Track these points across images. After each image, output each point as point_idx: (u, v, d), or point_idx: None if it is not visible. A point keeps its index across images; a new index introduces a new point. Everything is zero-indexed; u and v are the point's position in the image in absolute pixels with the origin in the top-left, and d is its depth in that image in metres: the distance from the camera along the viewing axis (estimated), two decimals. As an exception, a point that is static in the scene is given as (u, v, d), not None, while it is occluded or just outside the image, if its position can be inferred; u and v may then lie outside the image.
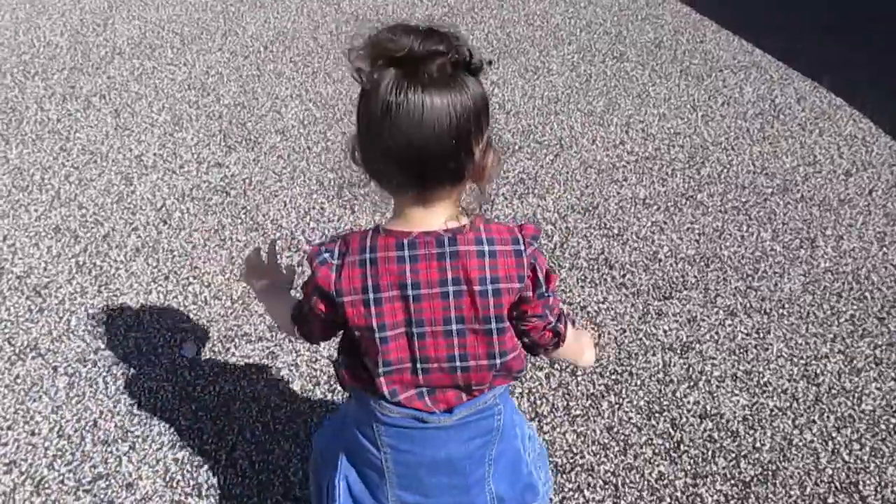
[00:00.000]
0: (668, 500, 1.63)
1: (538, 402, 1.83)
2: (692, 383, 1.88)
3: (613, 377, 1.89)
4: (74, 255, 2.23)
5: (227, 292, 2.11)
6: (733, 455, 1.72)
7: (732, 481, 1.66)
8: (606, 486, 1.66)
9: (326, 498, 1.25)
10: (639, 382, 1.88)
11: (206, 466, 1.69)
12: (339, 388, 1.74)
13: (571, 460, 1.70)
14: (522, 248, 1.02)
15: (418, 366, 1.05)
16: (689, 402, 1.83)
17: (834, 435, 1.77)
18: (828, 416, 1.81)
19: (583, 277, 2.19)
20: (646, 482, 1.66)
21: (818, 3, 3.97)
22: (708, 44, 3.51)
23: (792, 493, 1.65)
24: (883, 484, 1.67)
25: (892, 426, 1.79)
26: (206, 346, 1.96)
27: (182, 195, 2.48)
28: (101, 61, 3.26)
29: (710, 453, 1.72)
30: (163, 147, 2.72)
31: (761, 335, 2.02)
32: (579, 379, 1.88)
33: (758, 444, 1.74)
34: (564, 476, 1.67)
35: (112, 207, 2.42)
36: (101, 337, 1.98)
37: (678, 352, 1.97)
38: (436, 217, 1.00)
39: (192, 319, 2.04)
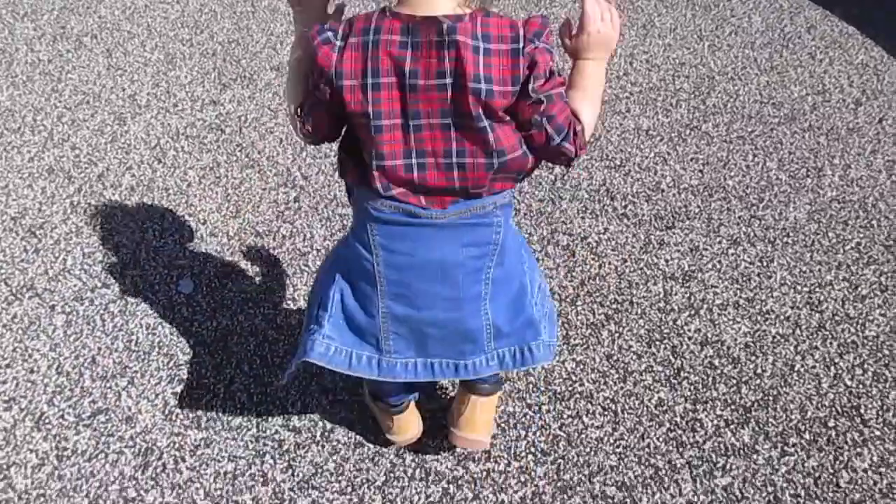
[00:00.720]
0: (668, 425, 1.62)
1: (537, 332, 1.81)
2: (693, 311, 1.86)
3: (614, 306, 1.87)
4: (69, 196, 2.21)
5: (223, 229, 2.09)
6: (734, 381, 1.70)
7: (733, 406, 1.65)
8: (606, 413, 1.65)
9: (317, 309, 1.22)
10: (639, 311, 1.86)
11: (204, 399, 1.69)
12: (339, 178, 1.60)
13: (570, 388, 1.69)
14: (521, 45, 0.98)
15: (413, 160, 1.03)
16: (690, 330, 1.81)
17: (836, 361, 1.75)
18: (831, 343, 1.79)
19: (584, 208, 2.16)
20: (645, 408, 1.65)
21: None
22: (715, -28, 3.39)
23: (793, 416, 1.63)
24: (885, 408, 1.65)
25: (895, 352, 1.77)
26: (203, 282, 1.95)
27: (176, 133, 2.44)
28: (91, 0, 3.18)
29: (710, 380, 1.71)
30: (156, 86, 2.66)
31: (764, 263, 1.99)
32: (579, 308, 1.86)
33: (759, 371, 1.72)
34: (563, 403, 1.66)
35: (106, 147, 2.39)
36: (97, 276, 1.97)
37: (680, 280, 1.94)
38: (442, 2, 0.99)
39: (188, 256, 2.02)
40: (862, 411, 1.65)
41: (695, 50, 2.85)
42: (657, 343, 1.78)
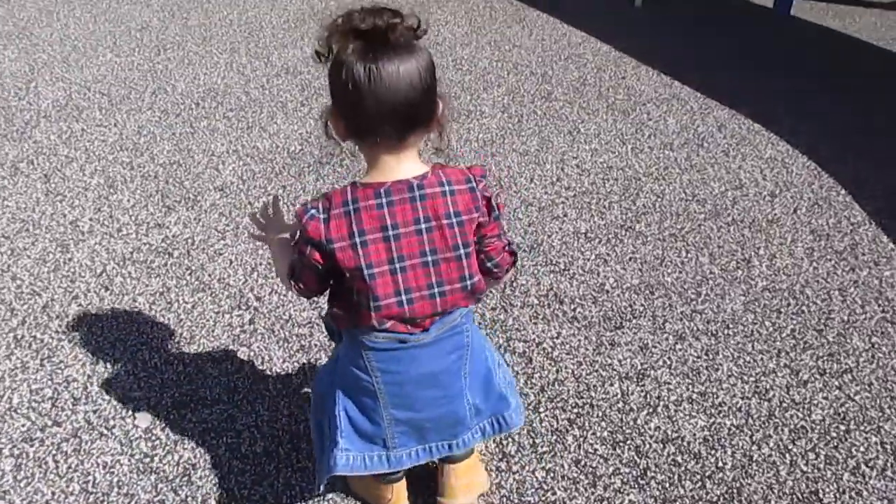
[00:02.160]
0: (641, 527, 1.66)
1: (504, 441, 1.83)
2: (651, 409, 1.93)
3: (575, 410, 1.92)
4: (12, 329, 2.14)
5: (178, 356, 2.06)
6: (698, 477, 1.76)
7: (700, 503, 1.70)
8: (580, 520, 1.67)
9: (329, 428, 1.42)
10: (600, 413, 1.92)
11: (171, 540, 1.63)
12: (329, 339, 1.82)
13: (543, 497, 1.71)
14: (474, 185, 1.24)
15: (403, 297, 1.23)
16: (650, 429, 1.88)
17: (790, 447, 1.83)
18: (782, 430, 1.88)
19: (535, 314, 2.23)
20: (618, 512, 1.69)
21: (731, 40, 4.20)
22: (629, 79, 3.66)
23: (757, 509, 1.69)
24: (841, 490, 1.73)
25: (842, 433, 1.87)
26: (161, 414, 1.90)
27: (123, 259, 2.42)
28: (25, 126, 3.17)
29: (675, 477, 1.76)
30: (98, 211, 2.65)
31: (710, 356, 2.09)
32: (542, 415, 1.91)
33: (720, 464, 1.79)
34: (538, 514, 1.68)
35: (49, 277, 2.34)
36: (47, 413, 1.90)
37: (634, 380, 2.01)
38: (404, 166, 1.20)
39: (143, 388, 1.98)
40: (821, 496, 1.72)
41: (619, 153, 3.04)
42: (621, 444, 1.83)
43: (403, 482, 1.65)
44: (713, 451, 1.82)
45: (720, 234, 2.58)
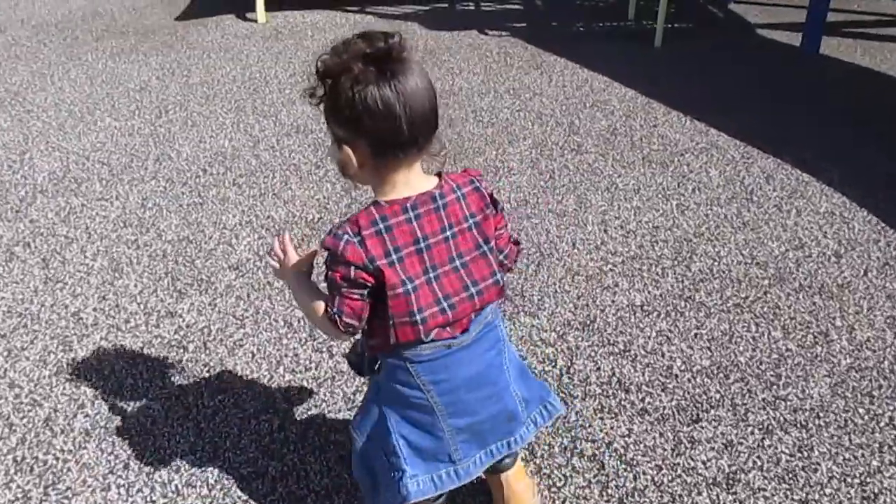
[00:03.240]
0: None
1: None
2: (750, 525, 1.68)
3: (663, 529, 1.67)
4: (11, 450, 1.88)
5: (200, 476, 1.80)
6: None
7: None
8: None
9: (388, 465, 1.37)
10: (693, 533, 1.66)
11: None
12: (355, 375, 1.86)
13: None
14: (478, 184, 1.31)
15: (444, 304, 1.26)
16: (754, 551, 1.62)
17: (919, 571, 1.58)
18: (904, 547, 1.63)
19: (599, 406, 1.99)
20: None
21: (758, 79, 4.02)
22: (661, 127, 3.46)
23: None
24: None
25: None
26: (185, 551, 1.65)
27: (132, 357, 2.17)
28: (20, 203, 2.94)
29: None
30: (103, 299, 2.40)
31: (805, 454, 1.84)
32: (627, 537, 1.65)
33: None
34: None
35: (51, 382, 2.09)
36: (52, 555, 1.64)
37: (724, 486, 1.76)
38: (414, 177, 1.24)
39: (163, 517, 1.72)
40: None
41: (664, 211, 2.83)
42: (724, 573, 1.58)
43: None
44: (832, 579, 1.57)
45: (789, 302, 2.35)
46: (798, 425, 1.92)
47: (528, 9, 5.30)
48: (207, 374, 2.11)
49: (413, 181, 1.24)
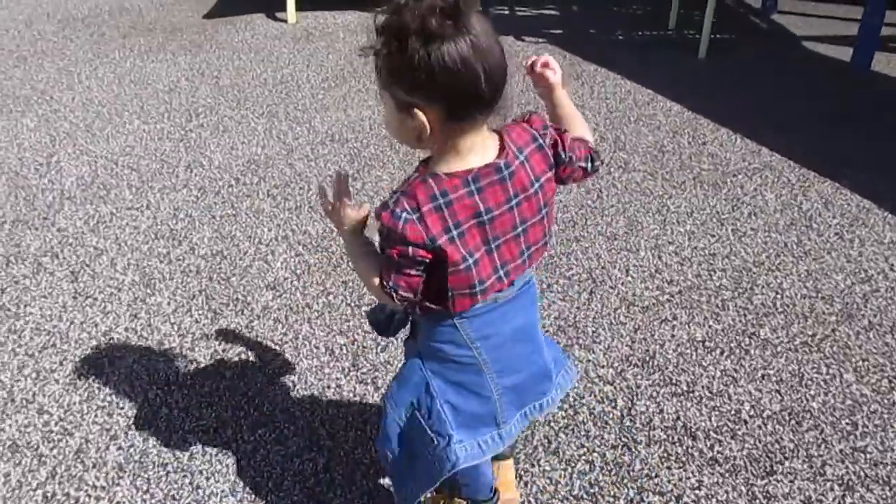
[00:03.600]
0: None
1: None
2: None
3: None
4: (40, 484, 1.77)
5: None
6: None
7: None
8: None
9: (431, 427, 1.33)
10: None
11: None
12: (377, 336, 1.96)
13: None
14: (541, 141, 1.22)
15: (501, 273, 1.23)
16: None
17: None
18: None
19: (665, 454, 1.86)
20: None
21: (806, 94, 3.87)
22: (711, 145, 3.32)
23: None
24: None
25: None
26: None
27: (167, 383, 2.06)
28: (48, 209, 2.83)
29: None
30: (135, 318, 2.29)
31: (890, 515, 1.71)
32: None
33: None
34: None
35: (81, 408, 1.98)
36: None
37: (806, 550, 1.64)
38: (480, 140, 1.15)
39: (203, 566, 1.61)
40: None
41: (720, 237, 2.69)
42: None
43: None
44: None
45: (860, 342, 2.21)
46: (880, 482, 1.79)
47: (565, 14, 5.16)
48: (246, 405, 1.99)
49: (479, 145, 1.15)
